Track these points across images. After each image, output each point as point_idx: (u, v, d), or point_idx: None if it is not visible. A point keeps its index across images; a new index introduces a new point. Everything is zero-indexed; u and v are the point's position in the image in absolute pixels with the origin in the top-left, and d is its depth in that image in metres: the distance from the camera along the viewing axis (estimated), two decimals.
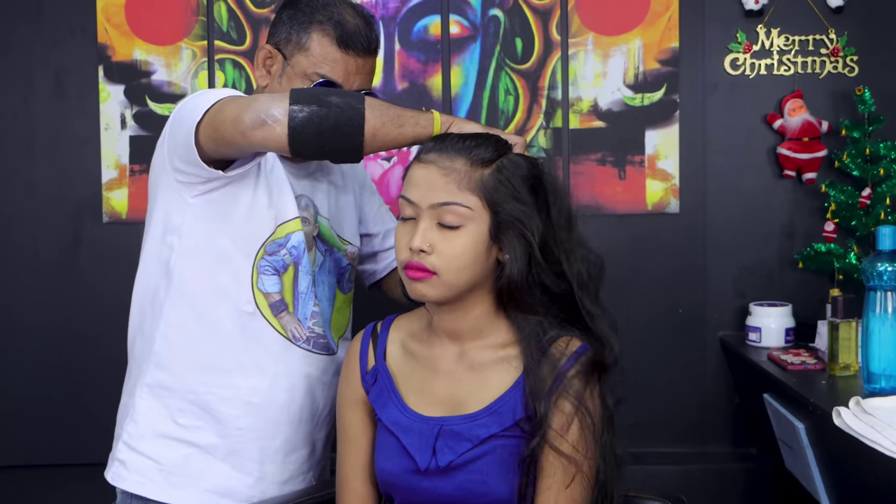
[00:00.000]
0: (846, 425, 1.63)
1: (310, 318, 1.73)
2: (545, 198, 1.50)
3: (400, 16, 2.56)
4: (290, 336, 1.71)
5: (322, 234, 1.79)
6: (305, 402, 1.74)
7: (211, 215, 1.67)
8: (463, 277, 1.46)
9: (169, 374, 1.70)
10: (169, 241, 1.70)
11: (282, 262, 1.70)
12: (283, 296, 1.71)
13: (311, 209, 1.76)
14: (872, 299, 1.86)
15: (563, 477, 1.44)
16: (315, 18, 1.69)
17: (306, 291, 1.73)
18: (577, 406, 1.45)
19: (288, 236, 1.70)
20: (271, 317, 1.70)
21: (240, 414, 1.69)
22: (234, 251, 1.68)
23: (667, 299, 2.58)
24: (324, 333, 1.75)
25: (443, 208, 1.44)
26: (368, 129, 1.50)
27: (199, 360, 1.70)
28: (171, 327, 1.70)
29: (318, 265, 1.77)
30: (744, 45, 2.54)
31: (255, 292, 1.69)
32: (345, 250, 1.84)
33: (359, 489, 1.59)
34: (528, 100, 2.57)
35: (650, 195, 2.56)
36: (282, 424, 1.72)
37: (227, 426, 1.70)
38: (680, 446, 2.58)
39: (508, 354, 1.51)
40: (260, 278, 1.69)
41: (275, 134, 1.47)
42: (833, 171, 2.51)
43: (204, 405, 1.69)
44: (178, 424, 1.70)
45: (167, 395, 1.71)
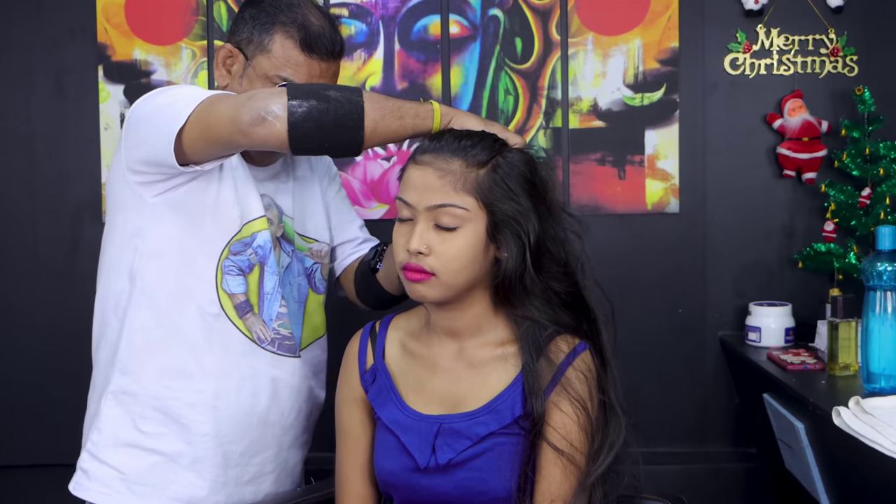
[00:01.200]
0: (846, 425, 1.63)
1: (275, 320, 1.70)
2: (541, 195, 1.50)
3: (400, 15, 2.56)
4: (255, 338, 1.68)
5: (287, 235, 1.76)
6: (272, 405, 1.70)
7: (172, 215, 1.64)
8: (461, 278, 1.47)
9: (133, 379, 1.67)
10: (131, 245, 1.66)
11: (247, 262, 1.68)
12: (248, 297, 1.68)
13: (275, 209, 1.74)
14: (872, 299, 1.86)
15: (561, 474, 1.45)
16: (278, 20, 1.65)
17: (272, 292, 1.70)
18: (575, 403, 1.45)
19: (254, 235, 1.68)
20: (236, 318, 1.67)
21: (204, 419, 1.66)
22: (198, 251, 1.65)
23: (666, 299, 2.58)
24: (290, 335, 1.72)
25: (439, 210, 1.45)
26: (369, 123, 1.48)
27: (164, 365, 1.66)
28: (136, 332, 1.66)
29: (285, 266, 1.74)
30: (743, 45, 2.54)
31: (220, 293, 1.66)
32: (308, 249, 1.81)
33: (358, 489, 1.59)
34: (527, 100, 2.57)
35: (650, 195, 2.56)
36: (247, 428, 1.69)
37: (192, 432, 1.66)
38: (679, 446, 2.58)
39: (507, 352, 1.51)
40: (224, 279, 1.66)
41: (275, 130, 1.44)
42: (833, 170, 2.51)
43: (168, 411, 1.66)
44: (142, 432, 1.66)
45: (131, 401, 1.67)
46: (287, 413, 1.74)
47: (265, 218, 1.69)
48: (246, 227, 1.67)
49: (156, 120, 1.55)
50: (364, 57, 2.56)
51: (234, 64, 1.69)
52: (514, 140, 1.53)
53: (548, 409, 1.45)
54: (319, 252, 1.83)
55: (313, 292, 1.81)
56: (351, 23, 2.56)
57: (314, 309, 1.80)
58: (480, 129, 1.53)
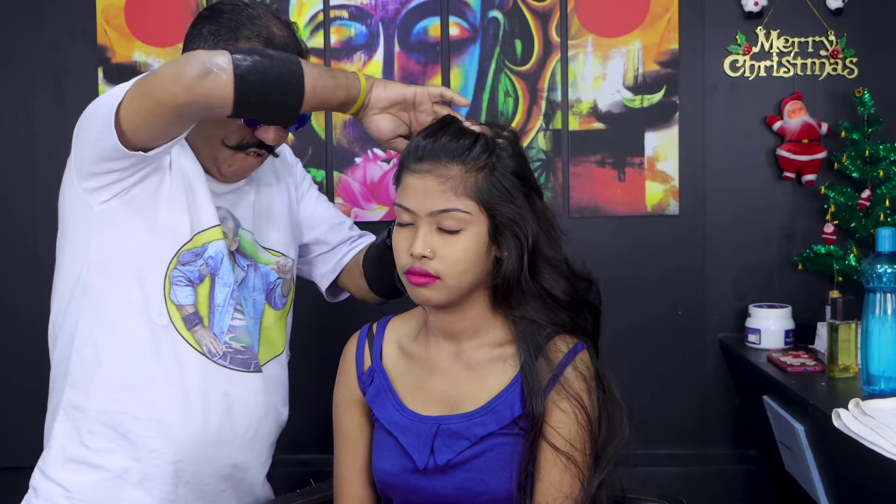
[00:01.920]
0: (846, 427, 1.63)
1: (227, 333, 1.65)
2: (533, 190, 1.52)
3: (399, 17, 2.57)
4: (205, 351, 1.63)
5: (243, 249, 1.72)
6: (224, 421, 1.65)
7: (119, 224, 1.60)
8: (465, 280, 1.47)
9: (82, 394, 1.62)
10: (80, 256, 1.63)
11: (197, 273, 1.63)
12: (197, 308, 1.63)
13: (231, 222, 1.70)
14: (872, 301, 1.86)
15: (561, 474, 1.45)
16: (241, 34, 1.60)
17: (223, 304, 1.65)
18: (574, 402, 1.46)
19: (205, 246, 1.64)
20: (185, 330, 1.62)
21: (153, 434, 1.61)
22: (145, 261, 1.61)
23: (666, 301, 2.58)
24: (244, 349, 1.67)
25: (442, 215, 1.45)
26: (308, 80, 1.47)
27: (112, 378, 1.61)
28: (85, 345, 1.62)
29: (239, 281, 1.70)
30: (743, 47, 2.54)
31: (168, 304, 1.61)
32: (275, 263, 1.76)
33: (356, 491, 1.59)
34: (527, 101, 2.57)
35: (650, 197, 2.56)
36: (198, 445, 1.63)
37: (140, 448, 1.61)
38: (679, 448, 2.58)
39: (505, 353, 1.51)
40: (172, 289, 1.62)
41: (221, 83, 1.40)
42: (832, 172, 2.51)
43: (116, 426, 1.61)
44: (88, 448, 1.62)
45: (79, 416, 1.63)
46: (243, 430, 1.69)
47: (219, 228, 1.65)
48: (197, 236, 1.63)
49: (97, 112, 1.52)
50: (364, 59, 2.56)
51: None
52: (435, 94, 1.58)
53: (547, 408, 1.45)
54: (284, 267, 1.78)
55: (270, 308, 1.76)
56: (351, 24, 2.56)
57: (271, 325, 1.75)
58: (402, 91, 1.57)
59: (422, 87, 1.58)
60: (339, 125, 2.57)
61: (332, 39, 2.57)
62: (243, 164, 1.67)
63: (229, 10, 1.62)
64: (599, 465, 1.47)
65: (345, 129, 2.57)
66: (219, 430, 1.65)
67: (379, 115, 1.58)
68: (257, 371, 1.69)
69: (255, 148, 1.65)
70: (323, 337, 1.95)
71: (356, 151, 2.57)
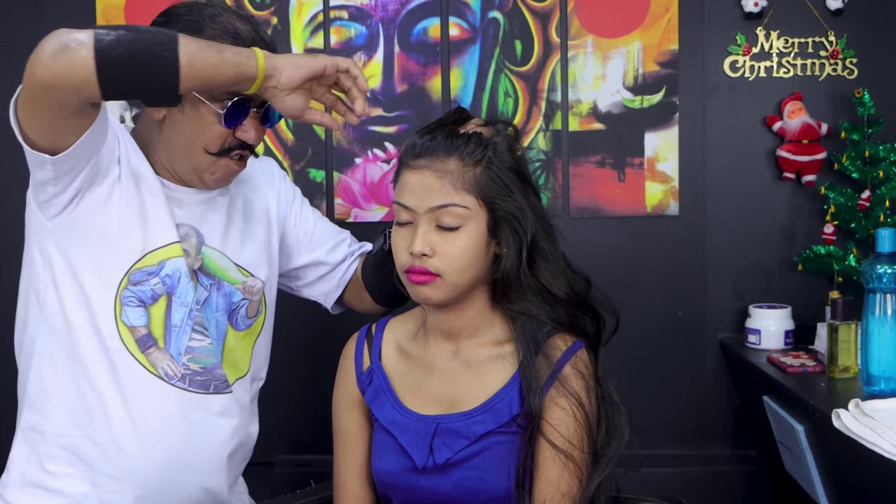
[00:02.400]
0: (845, 427, 1.63)
1: (184, 354, 1.60)
2: (529, 185, 1.53)
3: (399, 18, 2.56)
4: (161, 374, 1.58)
5: (206, 267, 1.65)
6: (185, 446, 1.59)
7: (67, 241, 1.56)
8: (466, 276, 1.47)
9: (41, 416, 1.59)
10: (37, 271, 1.59)
11: (150, 293, 1.58)
12: (150, 329, 1.58)
13: (195, 239, 1.64)
14: (872, 301, 1.86)
15: (559, 472, 1.45)
16: (206, 34, 1.52)
17: (181, 325, 1.59)
18: (572, 400, 1.46)
19: (162, 264, 1.58)
20: (138, 353, 1.57)
21: (110, 460, 1.56)
22: (94, 281, 1.56)
23: (666, 301, 2.58)
24: (203, 370, 1.62)
25: (441, 210, 1.45)
26: (184, 54, 1.36)
27: (70, 401, 1.57)
28: (43, 365, 1.58)
29: (202, 301, 1.63)
30: (743, 48, 2.54)
31: (119, 325, 1.56)
32: (242, 283, 1.69)
33: (356, 491, 1.59)
34: (527, 102, 2.57)
35: (650, 197, 2.56)
36: (158, 471, 1.58)
37: (99, 473, 1.56)
38: (679, 448, 2.58)
39: (504, 351, 1.52)
40: (123, 310, 1.56)
41: (79, 58, 1.32)
42: (832, 173, 2.51)
43: (75, 450, 1.57)
44: (47, 472, 1.58)
45: (38, 439, 1.59)
46: (208, 455, 1.63)
47: (178, 245, 1.60)
48: (151, 255, 1.58)
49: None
50: (364, 59, 2.56)
51: None
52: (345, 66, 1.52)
53: (545, 406, 1.46)
54: (252, 288, 1.71)
55: (233, 329, 1.68)
56: (350, 25, 2.56)
57: (233, 346, 1.68)
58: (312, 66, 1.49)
59: (331, 60, 1.51)
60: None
61: (332, 40, 2.57)
62: (227, 170, 1.62)
63: (187, 12, 1.57)
64: (599, 466, 1.47)
65: (345, 130, 2.57)
66: (180, 455, 1.60)
67: (290, 95, 1.50)
68: (219, 392, 1.64)
69: (239, 150, 1.61)
70: (322, 337, 1.95)
71: (356, 152, 2.57)
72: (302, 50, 2.56)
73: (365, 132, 2.57)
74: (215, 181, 1.63)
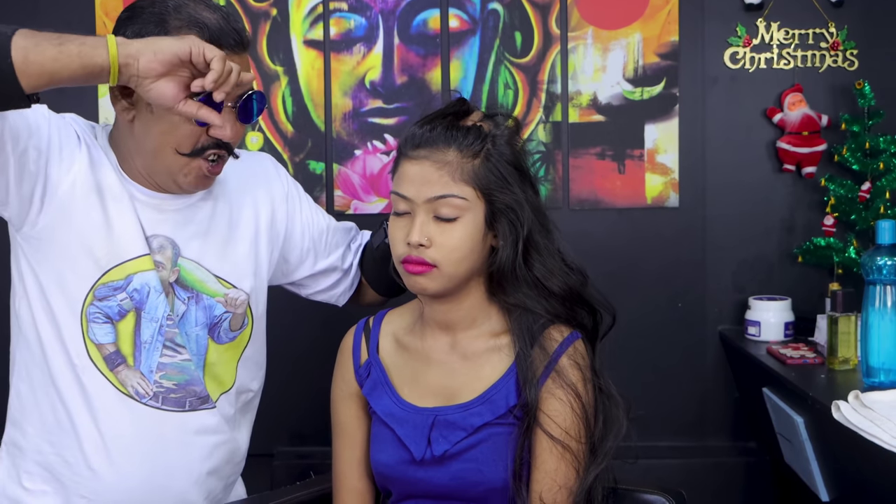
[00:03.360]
0: (845, 419, 1.63)
1: (156, 371, 1.53)
2: (528, 179, 1.52)
3: (399, 10, 2.56)
4: (132, 393, 1.52)
5: (183, 280, 1.58)
6: (159, 467, 1.54)
7: (36, 255, 1.51)
8: (462, 268, 1.47)
9: (19, 432, 1.56)
10: (14, 285, 1.55)
11: (117, 309, 1.52)
12: (118, 347, 1.52)
13: (170, 251, 1.56)
14: (872, 293, 1.86)
15: (556, 463, 1.45)
16: (171, 26, 1.44)
17: (151, 341, 1.53)
18: (568, 391, 1.46)
19: (129, 278, 1.52)
20: (107, 371, 1.51)
21: (82, 481, 1.52)
22: (60, 296, 1.51)
23: (666, 293, 2.58)
24: (177, 387, 1.55)
25: (439, 201, 1.45)
26: (17, 50, 1.27)
27: (44, 419, 1.53)
28: (21, 380, 1.56)
29: (180, 315, 1.56)
30: (743, 39, 2.53)
31: (87, 343, 1.51)
32: (223, 295, 1.61)
33: (355, 484, 1.59)
34: (527, 94, 2.56)
35: (650, 189, 2.56)
36: (132, 493, 1.53)
37: (72, 493, 1.53)
38: (679, 440, 2.58)
39: (500, 343, 1.52)
40: (90, 327, 1.51)
41: None
42: (833, 165, 2.51)
43: (50, 468, 1.54)
44: (25, 489, 1.55)
45: (18, 454, 1.57)
46: (183, 474, 1.58)
47: (147, 258, 1.53)
48: (117, 269, 1.51)
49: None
50: (363, 51, 2.56)
51: (133, 92, 1.44)
52: (209, 55, 1.37)
53: (542, 397, 1.46)
54: (234, 301, 1.62)
55: (214, 343, 1.60)
56: (350, 17, 2.56)
57: (215, 361, 1.61)
58: (175, 50, 1.35)
59: (197, 46, 1.36)
60: (338, 117, 2.57)
61: (332, 32, 2.56)
62: (200, 172, 1.53)
63: (150, 4, 1.48)
64: (596, 458, 1.48)
65: (344, 122, 2.57)
66: (154, 476, 1.55)
67: (158, 83, 1.36)
68: (195, 410, 1.58)
69: (214, 150, 1.51)
70: (322, 329, 1.95)
71: (356, 144, 2.57)
72: (301, 42, 2.56)
73: (364, 123, 2.57)
74: (189, 184, 1.54)
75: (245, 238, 1.65)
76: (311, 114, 2.57)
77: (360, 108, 2.57)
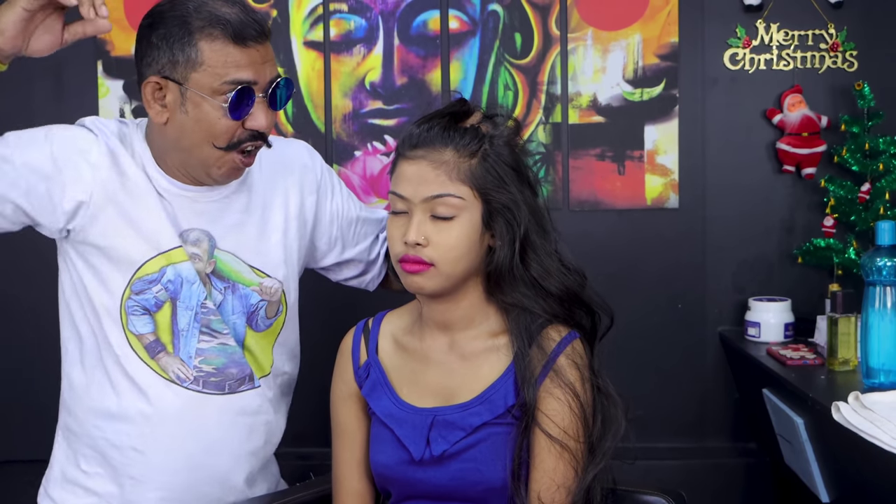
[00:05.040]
0: (845, 420, 1.63)
1: (195, 357, 1.61)
2: (526, 181, 1.52)
3: (399, 11, 2.56)
4: (173, 378, 1.60)
5: (220, 271, 1.64)
6: (202, 447, 1.62)
7: (74, 255, 1.61)
8: (459, 267, 1.48)
9: (72, 417, 1.65)
10: (63, 277, 1.64)
11: (153, 301, 1.60)
12: (158, 336, 1.60)
13: (206, 243, 1.63)
14: (871, 294, 1.86)
15: (555, 462, 1.46)
16: (194, 27, 1.49)
17: (188, 329, 1.61)
18: (567, 390, 1.46)
19: (163, 270, 1.59)
20: (148, 359, 1.60)
21: (129, 462, 1.61)
22: (100, 292, 1.59)
23: (666, 294, 2.58)
24: (216, 371, 1.63)
25: (436, 200, 1.46)
26: None
27: (94, 405, 1.62)
28: (73, 368, 1.64)
29: (217, 304, 1.63)
30: (743, 40, 2.54)
31: (128, 334, 1.59)
32: (258, 284, 1.67)
33: (355, 486, 1.60)
34: (527, 95, 2.56)
35: (649, 190, 2.56)
36: (176, 472, 1.62)
37: (121, 474, 1.62)
38: (679, 441, 2.58)
39: (498, 343, 1.52)
40: (130, 319, 1.59)
41: None
42: (832, 166, 2.51)
43: (101, 451, 1.63)
44: (82, 470, 1.65)
45: (73, 438, 1.65)
46: (225, 453, 1.65)
47: (181, 250, 1.60)
48: (150, 262, 1.59)
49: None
50: (363, 52, 2.56)
51: (166, 95, 1.53)
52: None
53: (541, 396, 1.46)
54: (269, 289, 1.68)
55: (252, 330, 1.68)
56: (350, 18, 2.56)
57: (252, 347, 1.68)
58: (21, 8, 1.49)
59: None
60: (338, 118, 2.57)
61: (332, 33, 2.56)
62: (235, 164, 1.58)
63: (170, 9, 1.52)
64: (595, 459, 1.48)
65: (344, 123, 2.57)
66: (198, 455, 1.63)
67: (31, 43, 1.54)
68: (234, 392, 1.65)
69: (249, 142, 1.56)
70: (321, 332, 1.95)
71: (356, 145, 2.57)
72: (301, 43, 2.56)
73: (364, 125, 2.57)
74: (222, 175, 1.60)
75: (277, 227, 1.70)
76: (311, 115, 2.57)
77: (360, 110, 2.57)
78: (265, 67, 1.53)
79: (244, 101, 1.52)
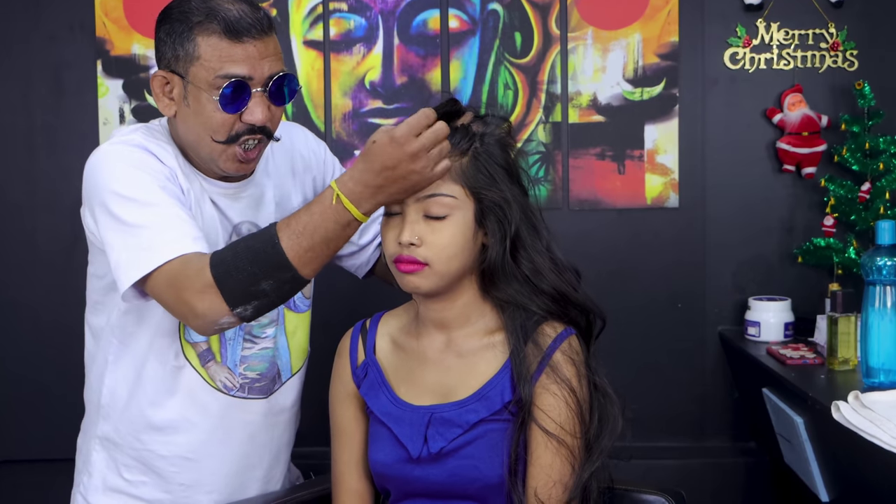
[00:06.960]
0: (845, 419, 1.63)
1: (240, 365, 1.67)
2: (516, 180, 1.53)
3: (399, 10, 2.56)
4: (220, 387, 1.65)
5: None
6: (247, 450, 1.69)
7: None
8: (454, 265, 1.49)
9: (113, 428, 1.67)
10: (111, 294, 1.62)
11: None
12: (209, 344, 1.64)
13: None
14: (871, 294, 1.86)
15: (552, 458, 1.46)
16: (193, 22, 1.51)
17: (234, 337, 1.66)
18: (563, 386, 1.47)
19: None
20: (200, 367, 1.64)
21: (179, 470, 1.65)
22: (156, 304, 1.58)
23: (666, 294, 2.58)
24: (260, 376, 1.69)
25: (428, 200, 1.47)
26: (290, 251, 1.42)
27: (137, 417, 1.65)
28: (116, 381, 1.66)
29: None
30: (743, 40, 2.54)
31: (183, 344, 1.63)
32: None
33: (354, 485, 1.60)
34: (527, 94, 2.56)
35: (649, 190, 2.56)
36: (225, 476, 1.68)
37: (170, 482, 1.66)
38: (679, 440, 2.59)
39: (495, 340, 1.53)
40: (186, 329, 1.62)
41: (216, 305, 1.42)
42: (832, 165, 2.51)
43: (145, 461, 1.66)
44: (125, 479, 1.67)
45: (114, 448, 1.68)
46: (271, 452, 1.73)
47: None
48: None
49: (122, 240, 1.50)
50: (363, 51, 2.56)
51: (173, 88, 1.55)
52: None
53: (537, 393, 1.47)
54: None
55: (292, 312, 1.74)
56: (350, 17, 2.56)
57: (294, 330, 1.74)
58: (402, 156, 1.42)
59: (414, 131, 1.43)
60: (338, 118, 2.57)
61: (332, 32, 2.56)
62: (237, 157, 1.57)
63: (178, 5, 1.55)
64: (592, 456, 1.48)
65: (344, 122, 2.57)
66: (245, 457, 1.69)
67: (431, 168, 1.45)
68: (272, 392, 1.71)
69: (248, 135, 1.56)
70: (320, 332, 1.95)
71: (356, 144, 2.57)
72: (301, 43, 2.56)
73: (364, 124, 2.57)
74: (230, 169, 1.60)
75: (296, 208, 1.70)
76: (311, 114, 2.57)
77: (359, 109, 2.57)
78: (264, 63, 1.53)
79: (239, 95, 1.52)
